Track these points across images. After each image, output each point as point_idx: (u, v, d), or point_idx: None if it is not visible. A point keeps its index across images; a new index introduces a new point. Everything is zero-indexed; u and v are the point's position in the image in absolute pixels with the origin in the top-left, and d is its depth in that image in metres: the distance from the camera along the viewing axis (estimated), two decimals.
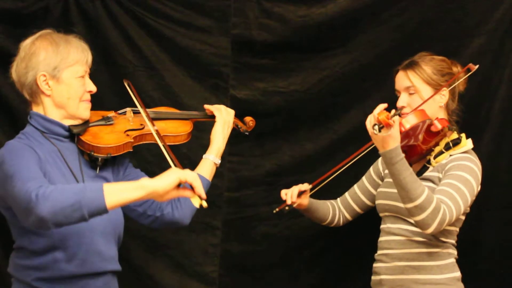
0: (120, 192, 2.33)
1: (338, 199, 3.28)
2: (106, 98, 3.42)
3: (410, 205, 2.73)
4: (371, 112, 2.78)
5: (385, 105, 2.76)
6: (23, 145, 2.57)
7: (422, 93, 2.94)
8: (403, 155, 2.73)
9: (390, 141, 2.70)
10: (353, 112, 3.56)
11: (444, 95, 2.96)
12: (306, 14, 3.53)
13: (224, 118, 2.94)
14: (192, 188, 2.39)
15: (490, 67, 3.39)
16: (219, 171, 2.85)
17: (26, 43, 2.68)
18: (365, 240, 3.40)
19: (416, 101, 2.93)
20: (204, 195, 2.39)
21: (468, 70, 2.96)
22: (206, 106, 3.00)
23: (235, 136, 3.13)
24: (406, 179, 2.71)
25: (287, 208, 3.06)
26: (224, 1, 3.57)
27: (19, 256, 2.60)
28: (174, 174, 2.37)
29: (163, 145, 2.68)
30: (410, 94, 2.95)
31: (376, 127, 2.68)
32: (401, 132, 2.76)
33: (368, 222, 3.23)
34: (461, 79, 2.99)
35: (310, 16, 3.53)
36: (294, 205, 3.07)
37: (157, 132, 2.76)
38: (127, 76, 2.87)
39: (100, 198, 2.30)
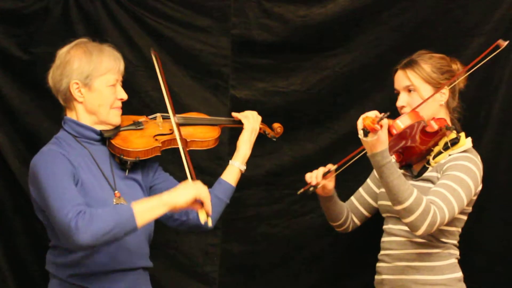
0: (147, 211, 2.55)
1: (345, 203, 3.19)
2: None
3: (398, 207, 2.71)
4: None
5: (375, 112, 2.68)
6: (56, 154, 2.66)
7: (422, 92, 2.89)
8: (390, 158, 2.70)
9: (377, 144, 2.66)
10: (353, 112, 3.55)
11: (444, 93, 2.91)
12: (306, 14, 3.54)
13: (252, 125, 2.99)
14: (202, 203, 2.60)
15: (490, 67, 3.38)
16: (219, 172, 2.85)
17: (62, 52, 2.77)
18: (365, 240, 3.40)
19: (416, 100, 2.89)
20: (210, 212, 2.61)
21: (497, 47, 2.87)
22: (234, 114, 3.04)
23: (235, 136, 3.12)
24: (394, 182, 2.69)
25: (311, 189, 2.91)
26: (224, 1, 3.57)
27: (55, 254, 2.71)
28: (191, 191, 2.58)
29: (184, 154, 2.78)
30: (410, 93, 2.91)
31: (361, 131, 2.64)
32: (393, 135, 2.73)
33: (368, 222, 3.22)
34: (483, 61, 2.88)
35: (310, 16, 3.53)
36: (319, 186, 2.92)
37: (177, 125, 2.86)
38: (127, 76, 2.87)
39: (132, 220, 2.52)
